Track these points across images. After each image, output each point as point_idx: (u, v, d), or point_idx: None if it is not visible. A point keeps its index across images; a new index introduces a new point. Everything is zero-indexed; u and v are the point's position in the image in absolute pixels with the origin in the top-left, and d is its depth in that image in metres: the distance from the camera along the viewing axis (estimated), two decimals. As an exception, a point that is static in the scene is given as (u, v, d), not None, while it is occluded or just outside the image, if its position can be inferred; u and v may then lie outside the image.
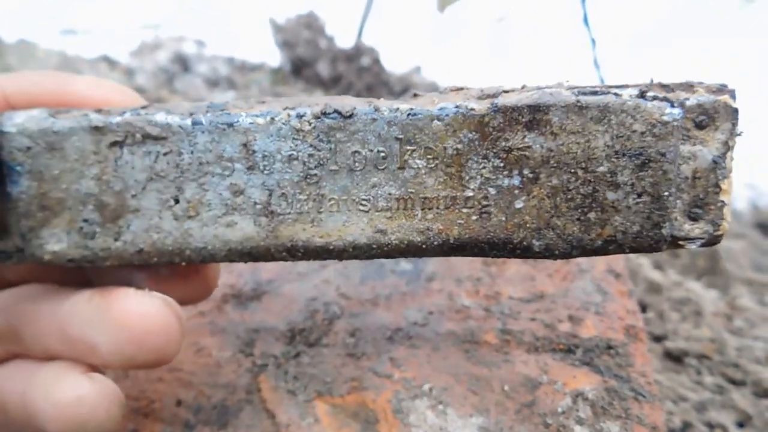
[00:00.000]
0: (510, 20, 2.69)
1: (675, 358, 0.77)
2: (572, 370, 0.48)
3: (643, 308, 0.85)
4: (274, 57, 2.17)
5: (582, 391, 0.46)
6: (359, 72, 2.07)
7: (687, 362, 0.77)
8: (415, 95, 0.37)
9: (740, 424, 0.66)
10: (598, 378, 0.47)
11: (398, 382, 0.49)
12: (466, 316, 0.54)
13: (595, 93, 0.34)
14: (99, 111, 0.36)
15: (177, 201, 0.36)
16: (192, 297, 0.42)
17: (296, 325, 0.56)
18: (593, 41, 1.91)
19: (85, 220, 0.36)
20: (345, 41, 2.17)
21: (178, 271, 0.40)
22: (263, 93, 1.96)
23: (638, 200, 0.35)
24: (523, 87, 0.36)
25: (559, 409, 0.45)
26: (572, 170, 0.34)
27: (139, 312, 0.35)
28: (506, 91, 0.35)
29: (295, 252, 0.36)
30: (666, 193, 0.34)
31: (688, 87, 0.35)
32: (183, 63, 2.09)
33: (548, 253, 0.36)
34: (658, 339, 0.81)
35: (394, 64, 2.15)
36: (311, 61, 2.11)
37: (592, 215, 0.35)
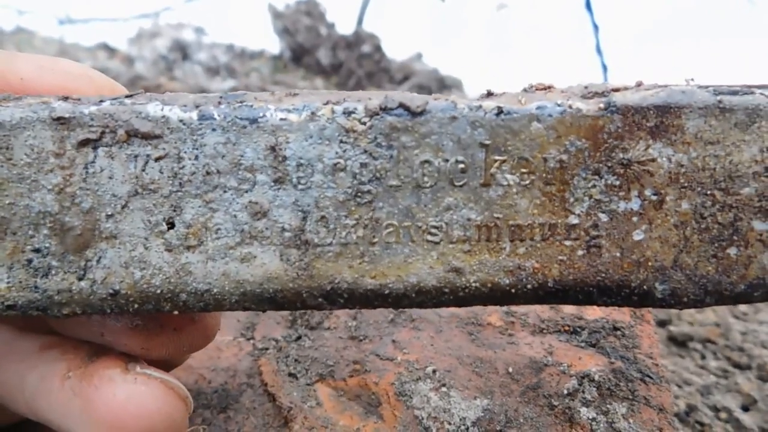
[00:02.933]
0: (511, 6, 2.67)
1: (679, 342, 0.77)
2: (578, 351, 0.48)
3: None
4: (273, 44, 2.16)
5: (588, 373, 0.45)
6: (360, 59, 2.06)
7: (691, 346, 0.76)
8: (489, 94, 0.29)
9: (745, 408, 0.65)
10: (604, 359, 0.47)
11: (401, 364, 0.48)
12: (470, 299, 0.54)
13: (735, 93, 0.27)
14: (66, 99, 0.27)
15: (172, 225, 0.27)
16: (185, 351, 0.33)
17: (297, 309, 0.55)
18: (596, 26, 1.89)
19: (37, 250, 0.27)
20: (345, 28, 2.15)
21: (168, 319, 0.31)
22: (264, 81, 1.95)
23: None
24: (639, 84, 0.29)
25: (565, 391, 0.44)
26: (708, 191, 0.27)
27: (134, 407, 0.27)
28: (616, 89, 0.28)
29: (337, 297, 0.28)
30: None
31: None
32: (182, 50, 2.07)
33: (674, 301, 0.28)
34: (662, 323, 0.80)
35: (395, 51, 2.14)
36: (311, 48, 2.09)
37: (732, 251, 0.27)
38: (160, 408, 0.27)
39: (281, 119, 0.27)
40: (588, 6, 1.89)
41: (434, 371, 0.47)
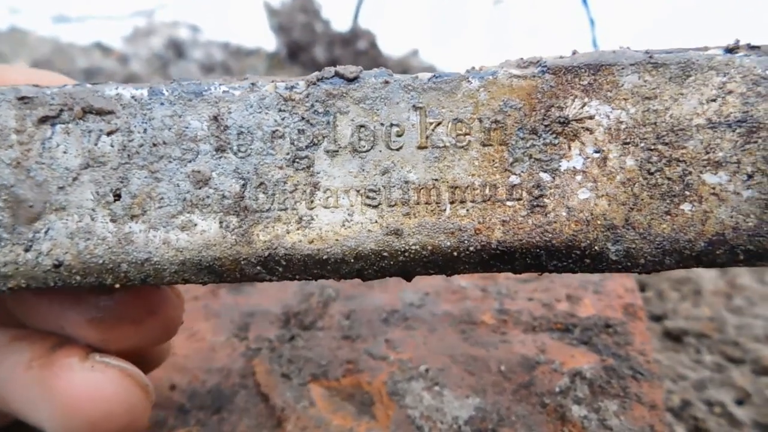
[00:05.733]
0: (508, 1, 2.66)
1: (674, 337, 0.77)
2: (570, 349, 0.48)
3: (642, 288, 0.84)
4: (269, 41, 2.15)
5: (580, 370, 0.46)
6: (356, 56, 2.05)
7: (686, 341, 0.76)
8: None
9: (739, 402, 0.65)
10: (596, 357, 0.47)
11: (394, 363, 0.48)
12: (463, 297, 0.54)
13: (668, 52, 0.27)
14: (36, 86, 0.29)
15: (118, 196, 0.27)
16: (148, 343, 0.33)
17: (291, 309, 0.55)
18: (592, 21, 1.89)
19: None
20: (341, 24, 2.14)
21: (127, 311, 0.31)
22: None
23: (749, 182, 0.26)
24: (574, 52, 0.28)
25: (557, 389, 0.45)
26: (652, 147, 0.26)
27: (91, 393, 0.28)
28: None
29: (275, 265, 0.27)
30: None
31: None
32: (177, 49, 2.07)
33: (630, 263, 0.26)
34: (657, 318, 0.80)
35: (391, 48, 2.13)
36: (307, 45, 2.08)
37: (686, 207, 0.26)
38: (117, 393, 0.29)
39: (224, 91, 0.28)
40: (584, 0, 1.88)
41: (427, 370, 0.48)
